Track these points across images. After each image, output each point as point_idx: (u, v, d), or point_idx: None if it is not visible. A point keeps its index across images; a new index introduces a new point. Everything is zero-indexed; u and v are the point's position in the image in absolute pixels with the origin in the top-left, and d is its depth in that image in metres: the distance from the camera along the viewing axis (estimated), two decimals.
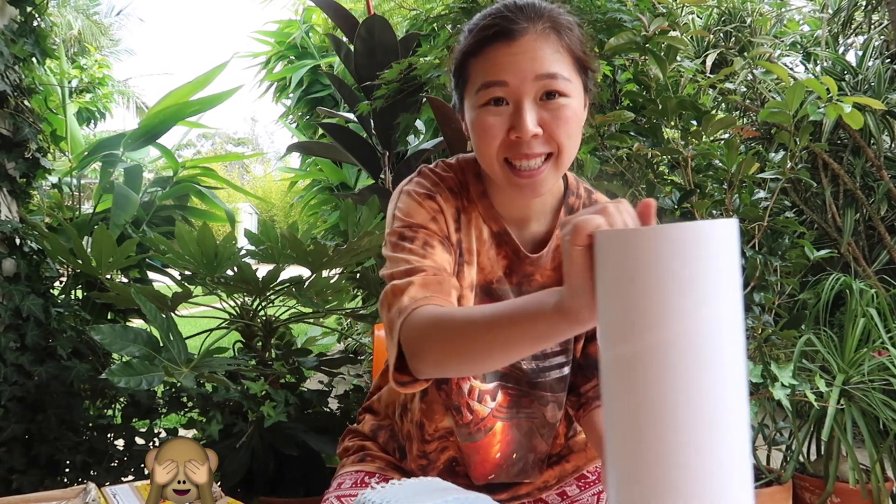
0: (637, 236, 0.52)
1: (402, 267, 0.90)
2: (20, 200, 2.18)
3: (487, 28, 0.89)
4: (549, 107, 0.87)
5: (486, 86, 0.88)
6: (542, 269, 1.02)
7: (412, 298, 0.85)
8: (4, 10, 2.14)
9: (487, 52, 0.88)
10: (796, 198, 2.92)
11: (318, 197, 5.33)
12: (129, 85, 16.41)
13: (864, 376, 2.01)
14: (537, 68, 0.86)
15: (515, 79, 0.86)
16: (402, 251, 0.92)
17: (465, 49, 0.92)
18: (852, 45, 3.28)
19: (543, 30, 0.88)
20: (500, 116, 0.88)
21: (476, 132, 0.90)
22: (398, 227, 0.94)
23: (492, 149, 0.89)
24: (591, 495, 1.10)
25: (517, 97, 0.87)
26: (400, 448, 1.11)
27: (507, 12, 0.89)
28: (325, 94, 5.51)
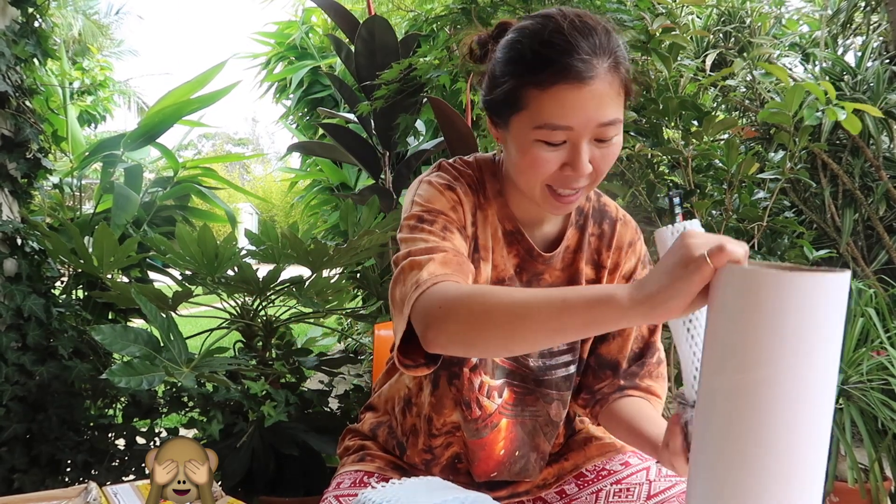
0: (766, 279, 0.57)
1: (421, 245, 0.90)
2: (21, 200, 2.18)
3: (558, 63, 0.84)
4: (602, 146, 0.89)
5: (549, 127, 0.86)
6: (551, 269, 1.04)
7: (431, 273, 0.85)
8: (6, 11, 2.14)
9: (555, 92, 0.85)
10: (795, 198, 2.92)
11: (319, 197, 5.34)
12: (130, 85, 16.41)
13: (863, 376, 2.02)
14: (601, 116, 0.86)
15: (580, 125, 0.86)
16: (421, 232, 0.92)
17: (527, 77, 0.87)
18: (851, 45, 3.28)
19: (608, 69, 0.86)
20: (555, 153, 0.88)
21: (526, 161, 0.90)
22: (417, 210, 0.94)
23: (539, 179, 0.91)
24: (589, 493, 1.10)
25: (577, 141, 0.87)
26: (399, 444, 1.11)
27: (578, 45, 0.85)
28: (326, 94, 5.51)
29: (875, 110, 2.04)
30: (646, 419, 1.01)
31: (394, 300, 0.90)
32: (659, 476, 1.06)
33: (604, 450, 1.15)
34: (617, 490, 1.08)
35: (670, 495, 1.02)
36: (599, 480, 1.11)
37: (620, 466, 1.11)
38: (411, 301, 0.83)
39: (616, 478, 1.10)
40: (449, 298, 0.80)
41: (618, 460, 1.12)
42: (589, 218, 1.07)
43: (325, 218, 5.26)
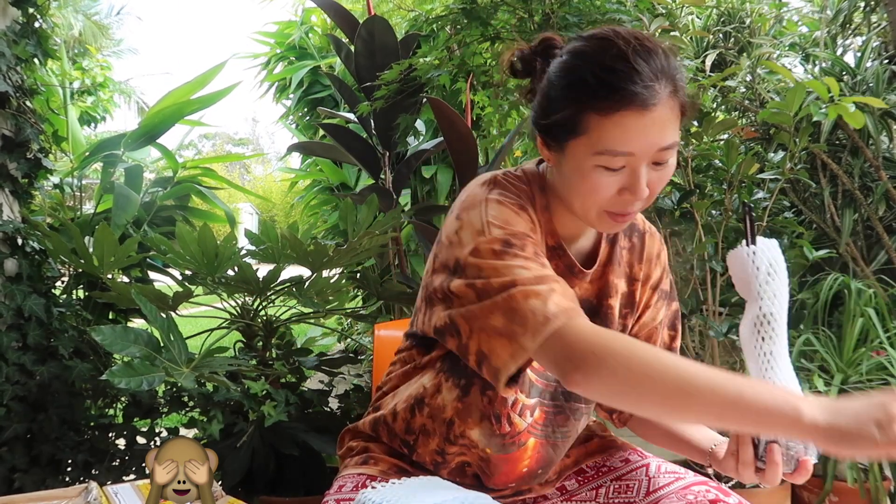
0: None
1: (525, 273, 0.86)
2: (22, 200, 2.19)
3: (622, 90, 0.83)
4: (658, 169, 0.89)
5: (610, 153, 0.86)
6: (583, 283, 1.03)
7: (559, 307, 0.84)
8: (7, 12, 2.15)
9: (618, 118, 0.84)
10: (795, 198, 2.92)
11: (319, 197, 5.33)
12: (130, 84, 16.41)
13: (863, 376, 2.02)
14: (662, 141, 0.86)
15: (641, 150, 0.86)
16: (515, 258, 0.88)
17: (589, 103, 0.85)
18: (850, 46, 3.28)
19: (669, 94, 0.86)
20: (614, 178, 0.88)
21: (585, 186, 0.89)
22: (500, 234, 0.89)
23: (598, 203, 0.91)
24: (589, 490, 1.11)
25: (636, 165, 0.87)
26: (405, 442, 1.07)
27: (639, 68, 0.84)
28: (326, 94, 5.51)
29: (879, 102, 2.05)
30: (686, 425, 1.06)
31: (496, 328, 0.86)
32: (658, 472, 1.07)
33: (605, 446, 1.15)
34: (617, 487, 1.08)
35: (669, 491, 1.02)
36: (600, 477, 1.12)
37: (621, 463, 1.12)
38: (544, 334, 0.82)
39: (616, 474, 1.11)
40: (601, 345, 0.80)
41: (618, 457, 1.13)
42: (620, 232, 1.07)
43: (325, 218, 5.26)
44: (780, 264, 0.85)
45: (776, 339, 0.83)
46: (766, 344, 0.83)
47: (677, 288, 2.14)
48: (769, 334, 0.83)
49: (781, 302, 0.84)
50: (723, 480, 2.11)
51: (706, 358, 2.17)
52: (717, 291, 2.14)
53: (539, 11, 2.18)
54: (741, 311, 2.16)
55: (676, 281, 2.14)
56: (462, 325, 0.90)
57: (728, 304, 2.19)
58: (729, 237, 2.16)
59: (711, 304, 2.13)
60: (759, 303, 0.84)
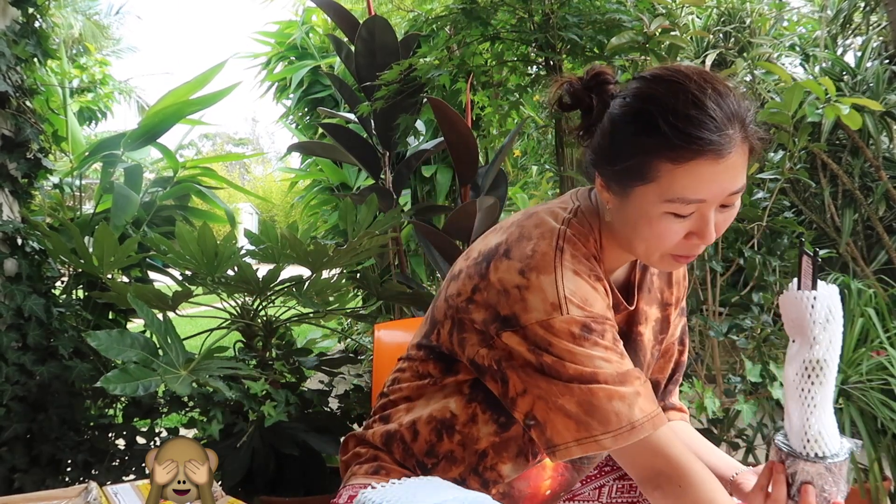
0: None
1: (607, 368, 0.86)
2: (22, 200, 2.19)
3: (698, 140, 0.81)
4: (725, 211, 0.88)
5: (682, 201, 0.84)
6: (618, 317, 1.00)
7: (644, 412, 0.86)
8: (6, 12, 2.15)
9: (692, 167, 0.82)
10: (795, 198, 2.92)
11: (319, 197, 5.33)
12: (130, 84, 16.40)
13: (863, 376, 2.02)
14: (733, 187, 0.85)
15: (713, 197, 0.84)
16: (595, 346, 0.87)
17: (662, 152, 0.82)
18: (851, 46, 3.28)
19: (741, 140, 0.84)
20: (683, 224, 0.86)
21: (653, 232, 0.87)
22: (580, 316, 0.87)
23: (663, 248, 0.89)
24: (592, 489, 1.11)
25: (706, 211, 0.86)
26: (420, 464, 1.02)
27: (714, 115, 0.82)
28: (326, 94, 5.50)
29: (876, 104, 2.04)
30: (704, 448, 1.07)
31: (565, 410, 0.86)
32: None
33: None
34: (620, 486, 1.09)
35: None
36: (602, 476, 1.12)
37: None
38: (629, 440, 0.85)
39: (619, 473, 1.11)
40: (683, 471, 0.87)
41: None
42: None
43: (325, 218, 5.26)
44: (838, 311, 0.84)
45: (826, 385, 0.83)
46: (814, 388, 0.83)
47: None
48: (819, 380, 0.83)
49: (836, 348, 0.83)
50: None
51: (706, 358, 2.16)
52: (717, 291, 2.14)
53: (539, 11, 2.18)
54: (741, 311, 2.16)
55: None
56: (515, 382, 0.89)
57: (728, 304, 2.19)
58: (729, 237, 2.16)
59: (711, 304, 2.13)
60: (814, 348, 0.83)
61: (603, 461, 1.13)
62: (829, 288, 0.84)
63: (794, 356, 0.86)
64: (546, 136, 3.05)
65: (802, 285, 0.85)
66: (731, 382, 2.03)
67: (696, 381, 1.94)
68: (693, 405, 1.91)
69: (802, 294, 0.83)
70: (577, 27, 2.10)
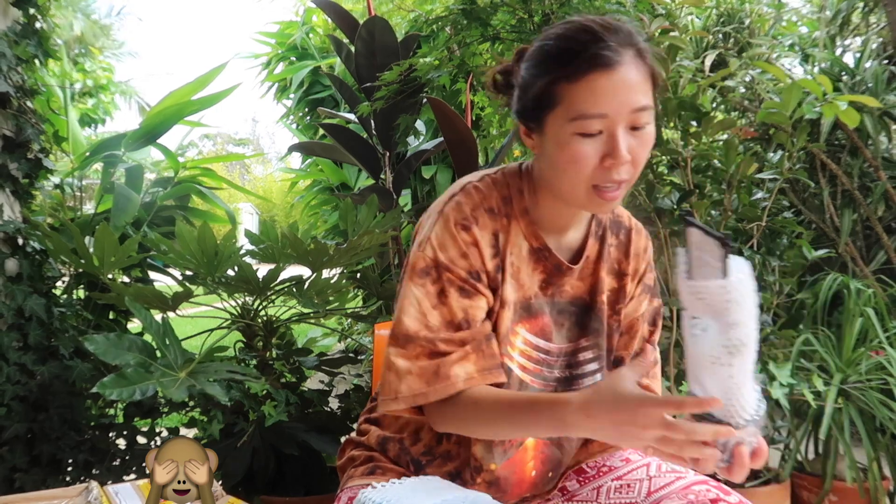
0: None
1: (444, 334, 0.96)
2: (23, 201, 2.19)
3: (586, 58, 0.87)
4: (636, 135, 0.91)
5: (584, 117, 0.88)
6: (572, 279, 1.05)
7: (469, 374, 0.95)
8: (7, 12, 2.15)
9: (586, 81, 0.88)
10: (794, 198, 2.92)
11: (319, 197, 5.34)
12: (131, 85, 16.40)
13: (862, 375, 2.02)
14: (633, 102, 0.88)
15: (613, 111, 0.88)
16: (422, 289, 0.97)
17: (557, 73, 0.89)
18: (850, 46, 3.29)
19: (635, 57, 0.89)
20: (594, 145, 0.90)
21: (566, 157, 0.91)
22: (431, 255, 0.97)
23: (583, 175, 0.91)
24: (590, 490, 1.11)
25: (612, 129, 0.89)
26: (415, 461, 1.06)
27: (600, 35, 0.88)
28: (326, 94, 5.51)
29: (873, 101, 2.05)
30: None
31: (393, 368, 0.97)
32: (659, 472, 1.07)
33: (605, 445, 1.16)
34: (618, 486, 1.08)
35: (670, 491, 1.02)
36: (600, 477, 1.12)
37: (621, 462, 1.12)
38: (438, 395, 0.94)
39: (616, 474, 1.11)
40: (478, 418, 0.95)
41: (618, 456, 1.14)
42: (607, 229, 1.08)
43: (325, 218, 5.27)
44: (753, 289, 0.79)
45: (748, 357, 0.80)
46: (736, 364, 0.79)
47: (677, 287, 2.14)
48: (742, 357, 0.79)
49: (754, 322, 0.79)
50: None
51: None
52: None
53: (539, 11, 2.18)
54: None
55: (676, 281, 2.14)
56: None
57: None
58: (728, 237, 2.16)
59: None
60: (733, 330, 0.79)
61: (600, 462, 1.14)
62: (741, 266, 0.78)
63: (710, 338, 0.80)
64: None
65: (705, 272, 0.79)
66: None
67: None
68: None
69: (716, 284, 0.78)
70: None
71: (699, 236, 0.79)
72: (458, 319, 0.97)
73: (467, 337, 0.96)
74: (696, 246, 0.79)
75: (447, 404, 0.96)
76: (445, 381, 0.94)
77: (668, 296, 2.11)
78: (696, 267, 0.80)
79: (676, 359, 2.17)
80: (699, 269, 0.79)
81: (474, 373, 0.95)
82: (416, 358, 0.96)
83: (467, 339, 0.96)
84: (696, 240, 0.79)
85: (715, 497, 0.98)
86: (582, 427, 0.84)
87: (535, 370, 1.03)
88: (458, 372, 0.95)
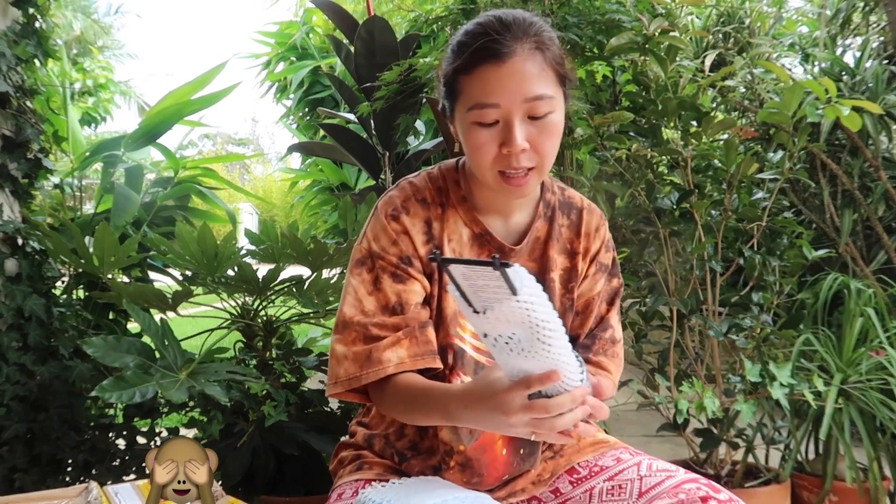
0: None
1: (377, 318, 1.01)
2: (22, 201, 2.19)
3: (477, 50, 0.93)
4: (536, 123, 0.95)
5: (478, 107, 0.94)
6: (522, 260, 1.08)
7: (400, 359, 0.99)
8: (7, 12, 2.15)
9: (478, 73, 0.94)
10: (795, 198, 2.92)
11: (319, 197, 5.35)
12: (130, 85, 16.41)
13: (862, 376, 2.02)
14: (526, 91, 0.93)
15: (506, 101, 0.93)
16: (359, 278, 1.03)
17: (455, 65, 0.96)
18: (850, 46, 3.28)
19: (529, 49, 0.94)
20: (491, 134, 0.95)
21: (470, 145, 0.97)
22: (366, 249, 1.04)
23: (485, 162, 0.97)
24: (582, 492, 1.11)
25: (507, 117, 0.94)
26: (399, 453, 1.10)
27: (495, 30, 0.93)
28: (326, 94, 5.52)
29: (875, 107, 2.05)
30: None
31: (333, 354, 1.02)
32: (650, 471, 1.07)
33: (597, 446, 1.16)
34: (609, 487, 1.08)
35: (661, 490, 1.02)
36: (592, 477, 1.12)
37: (613, 462, 1.12)
38: (369, 378, 0.99)
39: (608, 474, 1.11)
40: (404, 404, 0.99)
41: (610, 456, 1.13)
42: (556, 210, 1.12)
43: (325, 218, 5.27)
44: (535, 281, 0.75)
45: (560, 338, 0.77)
46: (554, 348, 0.77)
47: (677, 288, 2.14)
48: (554, 340, 0.77)
49: (555, 313, 0.76)
50: (721, 480, 2.11)
51: (706, 358, 2.17)
52: (716, 291, 2.14)
53: (539, 11, 2.18)
54: (741, 310, 2.16)
55: (676, 281, 2.14)
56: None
57: (728, 304, 2.19)
58: (728, 237, 2.17)
59: (711, 304, 2.13)
60: (541, 329, 0.76)
61: (592, 462, 1.14)
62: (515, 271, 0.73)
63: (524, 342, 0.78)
64: None
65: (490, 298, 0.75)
66: (730, 382, 2.03)
67: (696, 381, 1.94)
68: (693, 405, 1.91)
69: (510, 305, 0.74)
70: (577, 27, 2.11)
71: (463, 270, 0.76)
72: (393, 303, 1.02)
73: (400, 322, 1.01)
74: (464, 278, 0.76)
75: (383, 389, 1.00)
76: (378, 365, 0.99)
77: (667, 296, 2.11)
78: (476, 299, 0.77)
79: (676, 359, 2.17)
80: (481, 298, 0.76)
81: (406, 358, 0.99)
82: (352, 343, 1.01)
83: (400, 324, 1.01)
84: (462, 273, 0.76)
85: (705, 495, 0.98)
86: (464, 418, 0.89)
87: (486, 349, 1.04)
88: (391, 356, 0.99)
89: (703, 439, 2.09)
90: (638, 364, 2.29)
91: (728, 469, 2.16)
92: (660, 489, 1.03)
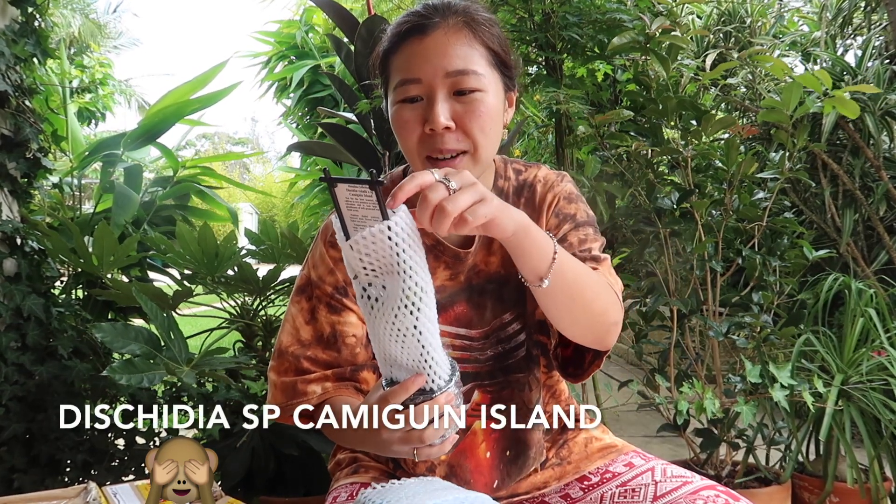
0: None
1: (284, 335, 1.02)
2: (21, 200, 2.19)
3: (402, 25, 0.93)
4: (462, 101, 0.91)
5: (401, 83, 0.92)
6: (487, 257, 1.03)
7: (325, 390, 0.99)
8: (6, 11, 2.14)
9: (402, 49, 0.93)
10: (795, 198, 2.92)
11: (319, 197, 5.34)
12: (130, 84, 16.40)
13: (863, 376, 2.02)
14: (447, 65, 0.90)
15: (427, 75, 0.90)
16: (298, 305, 1.03)
17: (384, 47, 0.96)
18: (851, 45, 3.28)
19: (455, 24, 0.91)
20: (415, 111, 0.92)
21: (395, 127, 0.94)
22: (305, 276, 1.04)
23: (411, 143, 0.93)
24: (594, 497, 1.09)
25: (429, 92, 0.91)
26: (393, 459, 1.09)
27: (421, 10, 0.93)
28: (326, 94, 5.51)
29: (872, 88, 2.04)
30: None
31: (269, 381, 1.03)
32: (664, 476, 1.04)
33: (606, 451, 1.14)
34: (622, 492, 1.06)
35: (678, 497, 0.99)
36: (604, 483, 1.10)
37: (624, 468, 1.10)
38: (298, 408, 0.99)
39: (621, 480, 1.08)
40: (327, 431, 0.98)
41: (621, 461, 1.11)
42: (510, 196, 1.05)
43: (325, 218, 5.27)
44: (416, 231, 0.73)
45: (431, 311, 0.75)
46: (422, 320, 0.74)
47: (677, 288, 2.14)
48: (425, 310, 0.74)
49: (426, 269, 0.74)
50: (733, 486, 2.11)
51: (706, 358, 2.16)
52: (717, 291, 2.14)
53: (539, 11, 2.18)
54: (741, 310, 2.15)
55: (676, 281, 2.14)
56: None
57: (728, 304, 2.19)
58: (729, 237, 2.16)
59: (711, 304, 2.13)
60: (407, 279, 0.72)
61: (603, 469, 1.12)
62: (398, 209, 0.72)
63: (388, 304, 0.74)
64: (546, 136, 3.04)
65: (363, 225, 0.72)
66: (731, 383, 2.02)
67: (696, 381, 1.94)
68: (693, 405, 1.90)
69: (377, 228, 0.71)
70: (578, 26, 2.10)
71: (346, 191, 0.72)
72: (327, 334, 1.01)
73: (333, 361, 1.00)
74: (346, 204, 0.73)
75: (315, 418, 0.99)
76: (302, 396, 0.99)
77: (668, 296, 2.11)
78: (352, 226, 0.74)
79: (677, 359, 2.16)
80: (356, 226, 0.73)
81: (330, 388, 1.00)
82: (283, 373, 1.02)
83: (333, 363, 1.00)
84: (346, 196, 0.72)
85: (724, 503, 0.95)
86: (368, 441, 0.85)
87: (463, 356, 1.04)
88: (315, 389, 0.99)
89: (704, 440, 2.09)
90: (638, 364, 2.29)
91: (728, 469, 2.15)
92: (676, 495, 1.00)
